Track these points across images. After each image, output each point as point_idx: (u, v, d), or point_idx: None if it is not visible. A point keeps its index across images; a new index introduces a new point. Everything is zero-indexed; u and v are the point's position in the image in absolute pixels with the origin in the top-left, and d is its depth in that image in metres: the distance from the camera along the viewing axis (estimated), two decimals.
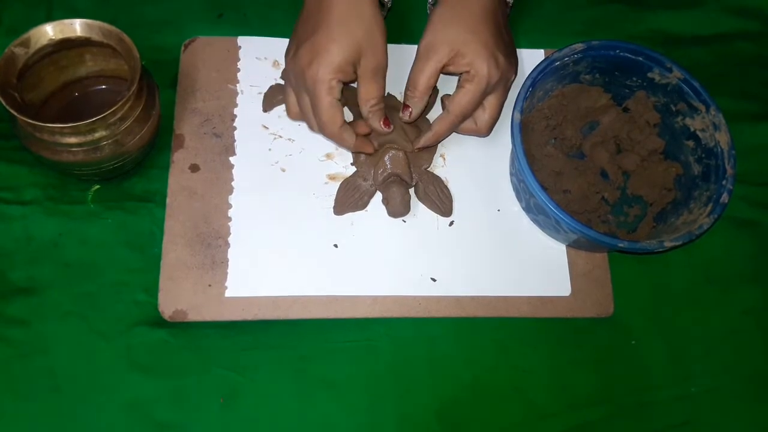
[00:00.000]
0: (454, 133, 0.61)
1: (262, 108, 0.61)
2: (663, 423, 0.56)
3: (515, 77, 0.58)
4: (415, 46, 0.56)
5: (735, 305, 0.60)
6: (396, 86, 0.62)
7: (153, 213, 0.57)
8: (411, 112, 0.57)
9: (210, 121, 0.60)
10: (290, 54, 0.54)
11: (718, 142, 0.56)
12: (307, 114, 0.55)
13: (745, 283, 0.61)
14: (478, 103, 0.56)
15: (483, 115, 0.57)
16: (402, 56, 0.60)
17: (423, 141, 0.58)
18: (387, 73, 0.56)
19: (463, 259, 0.58)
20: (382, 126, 0.56)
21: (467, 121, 0.58)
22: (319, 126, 0.54)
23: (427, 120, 0.62)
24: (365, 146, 0.57)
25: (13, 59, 0.51)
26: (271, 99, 0.61)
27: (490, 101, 0.57)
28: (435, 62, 0.54)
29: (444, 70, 0.55)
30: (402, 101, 0.57)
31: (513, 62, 0.56)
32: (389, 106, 0.61)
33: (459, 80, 0.56)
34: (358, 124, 0.57)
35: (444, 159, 0.61)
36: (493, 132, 0.60)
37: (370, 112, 0.55)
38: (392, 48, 0.56)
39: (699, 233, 0.53)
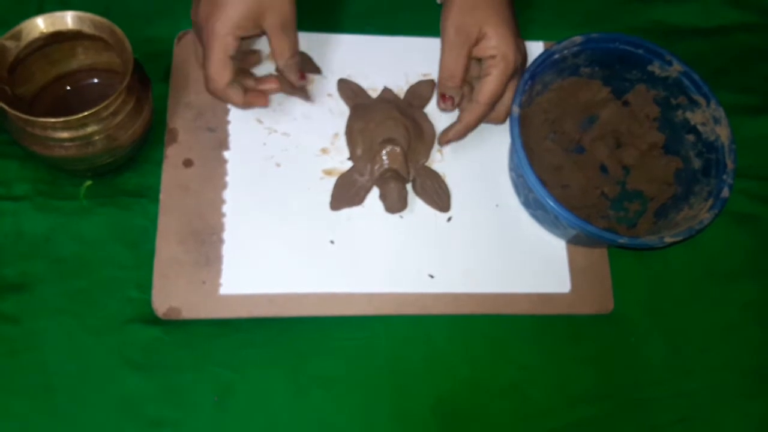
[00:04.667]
0: None
1: None
2: (662, 419, 0.56)
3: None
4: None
5: (735, 300, 0.60)
6: (390, 79, 0.62)
7: (146, 209, 0.56)
8: (454, 101, 0.56)
9: (203, 115, 0.59)
10: (192, 6, 0.53)
11: (718, 136, 0.56)
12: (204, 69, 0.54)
13: (744, 278, 0.61)
14: (504, 89, 0.55)
15: (501, 102, 0.57)
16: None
17: (452, 134, 0.57)
18: (384, 67, 0.55)
19: (461, 256, 0.58)
20: (299, 79, 0.56)
21: None
22: (205, 81, 0.54)
23: (425, 114, 0.61)
24: (258, 99, 0.57)
25: (4, 52, 0.50)
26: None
27: (509, 87, 0.56)
28: (467, 47, 0.53)
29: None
30: (437, 92, 0.56)
31: (524, 49, 0.56)
32: (386, 99, 0.60)
33: (483, 67, 0.55)
34: (267, 80, 0.58)
35: (441, 154, 0.61)
36: (491, 126, 0.59)
37: (286, 66, 0.55)
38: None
39: (699, 228, 0.53)
